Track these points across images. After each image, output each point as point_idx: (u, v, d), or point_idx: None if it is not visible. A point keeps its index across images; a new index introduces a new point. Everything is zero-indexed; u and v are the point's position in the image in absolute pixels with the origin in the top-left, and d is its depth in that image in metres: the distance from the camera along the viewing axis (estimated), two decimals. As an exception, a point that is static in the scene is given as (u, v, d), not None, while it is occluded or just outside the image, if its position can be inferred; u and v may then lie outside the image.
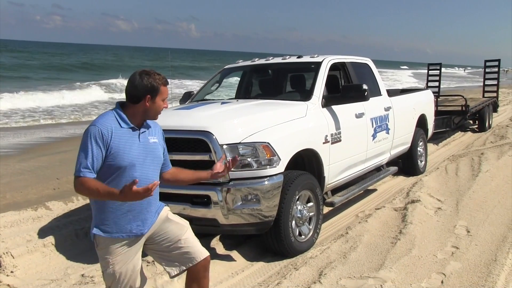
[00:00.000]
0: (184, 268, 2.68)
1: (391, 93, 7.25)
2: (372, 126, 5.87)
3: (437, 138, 10.54)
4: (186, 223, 2.76)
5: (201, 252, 2.68)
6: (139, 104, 2.50)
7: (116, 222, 2.49)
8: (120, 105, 2.55)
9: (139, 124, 2.54)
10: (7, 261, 4.10)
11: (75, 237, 4.77)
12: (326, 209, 5.37)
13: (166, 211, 2.71)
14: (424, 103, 7.99)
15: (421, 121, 7.72)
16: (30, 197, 6.22)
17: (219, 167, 2.82)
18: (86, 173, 2.35)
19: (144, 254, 2.71)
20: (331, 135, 4.91)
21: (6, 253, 4.18)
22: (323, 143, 4.78)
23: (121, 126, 2.46)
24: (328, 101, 5.12)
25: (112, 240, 2.50)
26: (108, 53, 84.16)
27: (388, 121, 6.34)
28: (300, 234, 4.46)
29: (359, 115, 5.57)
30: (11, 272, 4.02)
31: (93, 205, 2.54)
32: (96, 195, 2.38)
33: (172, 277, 2.71)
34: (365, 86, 5.12)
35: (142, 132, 2.53)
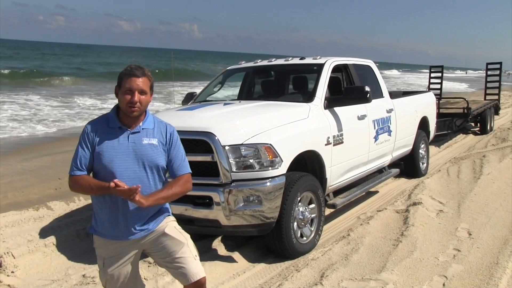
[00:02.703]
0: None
1: (393, 95, 7.25)
2: (374, 128, 5.86)
3: (439, 140, 10.53)
4: (185, 239, 2.57)
5: (195, 273, 2.50)
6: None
7: (103, 223, 2.51)
8: (117, 107, 2.54)
9: (131, 124, 2.48)
10: (8, 261, 4.10)
11: (76, 238, 4.77)
12: (327, 211, 5.36)
13: (166, 223, 2.58)
14: (426, 105, 7.99)
15: (423, 123, 7.72)
16: (32, 197, 6.22)
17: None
18: (75, 171, 2.44)
19: (144, 255, 2.69)
20: (333, 136, 4.90)
21: (7, 253, 4.18)
22: (325, 144, 4.78)
23: (109, 126, 2.49)
24: (331, 102, 5.12)
25: (104, 241, 2.52)
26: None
27: (390, 123, 6.34)
28: (301, 236, 4.46)
29: (361, 117, 5.57)
30: (12, 272, 4.01)
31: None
32: (89, 191, 2.45)
33: None
34: (367, 88, 5.12)
35: (134, 132, 2.47)
